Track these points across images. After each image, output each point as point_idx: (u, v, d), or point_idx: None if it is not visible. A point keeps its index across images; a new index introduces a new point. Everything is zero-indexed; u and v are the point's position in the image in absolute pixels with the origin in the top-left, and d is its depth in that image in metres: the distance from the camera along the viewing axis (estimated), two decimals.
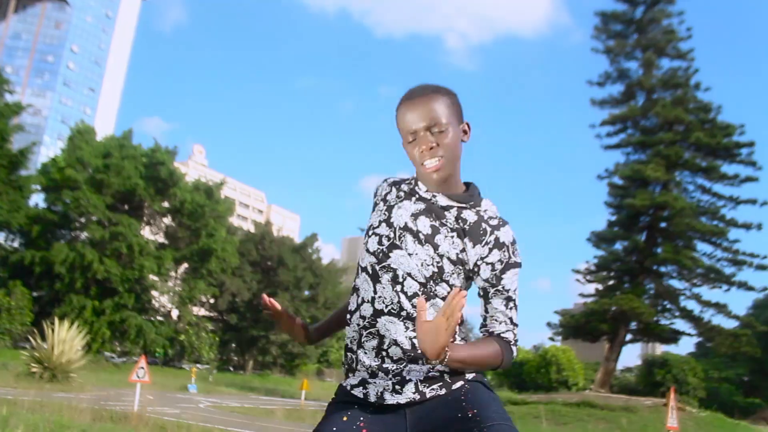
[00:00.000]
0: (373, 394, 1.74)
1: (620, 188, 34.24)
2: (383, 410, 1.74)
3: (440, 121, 1.77)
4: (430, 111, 1.77)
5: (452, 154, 1.78)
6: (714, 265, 31.96)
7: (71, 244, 40.28)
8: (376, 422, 1.73)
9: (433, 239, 1.75)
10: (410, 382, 1.71)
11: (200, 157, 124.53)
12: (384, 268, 1.77)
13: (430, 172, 1.77)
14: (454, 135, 1.79)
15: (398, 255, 1.76)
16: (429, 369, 1.72)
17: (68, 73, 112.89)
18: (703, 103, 33.34)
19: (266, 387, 44.18)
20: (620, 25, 35.57)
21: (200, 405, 22.24)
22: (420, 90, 1.82)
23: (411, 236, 1.76)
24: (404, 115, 1.80)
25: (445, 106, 1.79)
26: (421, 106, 1.78)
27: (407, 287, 1.73)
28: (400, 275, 1.74)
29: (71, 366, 21.15)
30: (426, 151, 1.76)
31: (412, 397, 1.71)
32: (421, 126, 1.77)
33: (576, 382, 54.95)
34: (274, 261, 55.14)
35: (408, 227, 1.77)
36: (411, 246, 1.75)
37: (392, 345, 1.73)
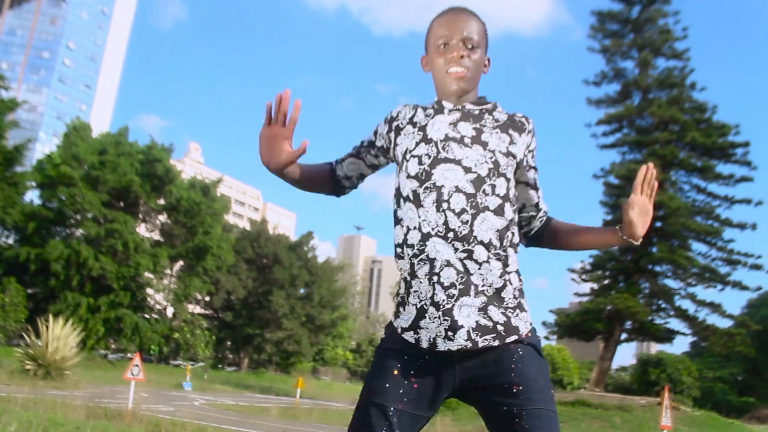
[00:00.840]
0: (426, 339, 1.69)
1: (616, 187, 34.27)
2: (434, 360, 1.70)
3: (474, 38, 1.82)
4: (469, 25, 1.83)
5: (477, 72, 1.84)
6: (709, 264, 32.02)
7: (66, 241, 40.16)
8: (425, 374, 1.70)
9: (480, 139, 1.76)
10: (462, 329, 1.65)
11: (196, 155, 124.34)
12: (427, 189, 1.72)
13: (454, 77, 1.80)
14: (481, 56, 1.86)
15: (443, 170, 1.72)
16: (481, 306, 1.67)
17: (64, 69, 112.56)
18: (699, 103, 33.38)
19: (261, 385, 44.19)
20: (616, 25, 35.58)
21: (195, 403, 22.21)
22: (462, 7, 1.88)
23: (455, 143, 1.75)
24: (441, 23, 1.85)
25: (482, 30, 1.87)
26: (461, 18, 1.84)
27: (453, 204, 1.69)
28: (445, 193, 1.70)
29: (65, 363, 21.09)
30: (456, 57, 1.80)
31: (464, 345, 1.65)
32: (456, 35, 1.81)
33: (571, 381, 55.09)
34: (269, 259, 55.11)
35: (450, 136, 1.76)
36: (458, 152, 1.74)
37: (444, 267, 1.67)
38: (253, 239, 55.98)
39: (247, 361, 57.75)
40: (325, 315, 58.03)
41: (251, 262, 55.18)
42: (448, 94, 1.83)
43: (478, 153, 1.73)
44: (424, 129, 1.81)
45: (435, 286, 1.68)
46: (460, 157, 1.72)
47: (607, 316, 31.88)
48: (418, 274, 1.71)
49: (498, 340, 1.67)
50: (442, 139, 1.76)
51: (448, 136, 1.76)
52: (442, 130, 1.78)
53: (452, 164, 1.72)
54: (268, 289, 53.75)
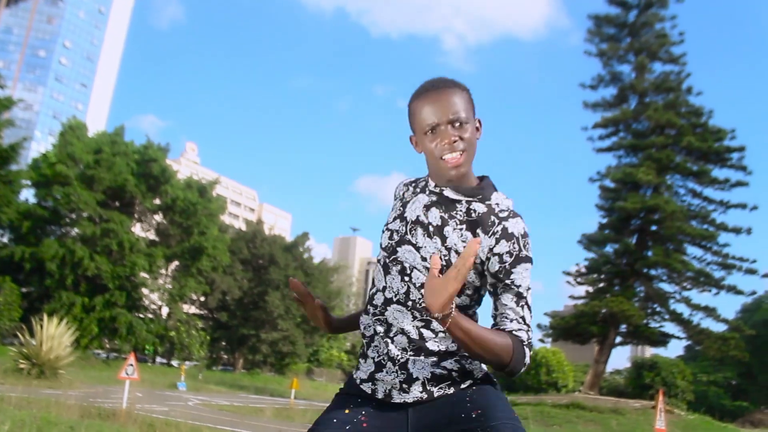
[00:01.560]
0: (381, 391, 1.77)
1: (611, 191, 34.32)
2: (387, 405, 1.76)
3: (461, 116, 1.74)
4: (453, 105, 1.74)
5: (472, 150, 1.76)
6: (704, 268, 32.07)
7: (61, 240, 40.04)
8: (377, 416, 1.75)
9: (441, 231, 1.73)
10: (417, 381, 1.72)
11: (192, 155, 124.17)
12: (393, 261, 1.78)
13: (450, 166, 1.73)
14: (473, 130, 1.77)
15: (405, 250, 1.76)
16: (434, 362, 1.72)
17: (60, 68, 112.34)
18: (695, 107, 33.47)
19: (256, 385, 44.12)
20: (613, 29, 35.66)
21: (189, 403, 22.18)
22: (441, 83, 1.79)
23: (421, 229, 1.76)
24: (423, 107, 1.76)
25: (465, 100, 1.77)
26: (443, 98, 1.74)
27: (415, 278, 1.74)
28: (406, 267, 1.75)
29: (59, 362, 21.06)
30: (448, 144, 1.72)
31: (420, 396, 1.72)
32: (443, 119, 1.73)
33: (565, 383, 55.04)
34: (265, 259, 55.03)
35: (419, 220, 1.77)
36: (420, 239, 1.75)
37: (398, 333, 1.74)
38: (248, 240, 55.91)
39: (242, 361, 57.64)
40: None
41: (247, 263, 55.09)
42: (445, 179, 1.77)
43: (435, 245, 1.72)
44: (405, 206, 1.84)
45: (390, 344, 1.76)
46: (420, 245, 1.75)
47: (602, 319, 31.92)
48: (377, 331, 1.79)
49: (453, 387, 1.73)
50: (413, 220, 1.78)
51: (419, 219, 1.77)
52: (416, 211, 1.79)
53: (413, 248, 1.75)
54: (263, 289, 53.68)
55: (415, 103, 1.80)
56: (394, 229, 1.81)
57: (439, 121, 1.73)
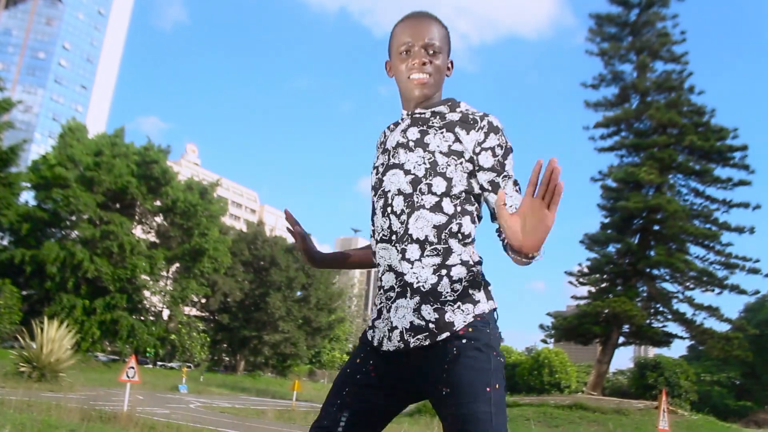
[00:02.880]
0: (376, 338, 1.80)
1: (613, 191, 34.23)
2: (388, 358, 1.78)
3: (436, 44, 1.82)
4: (430, 31, 1.83)
5: (439, 77, 1.83)
6: (706, 268, 31.97)
7: (61, 242, 39.97)
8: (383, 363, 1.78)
9: (422, 141, 1.77)
10: (396, 329, 1.72)
11: (193, 156, 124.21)
12: (378, 197, 1.81)
13: (416, 84, 1.80)
14: (444, 60, 1.85)
15: (390, 175, 1.79)
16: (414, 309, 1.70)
17: (60, 70, 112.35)
18: (697, 107, 33.36)
19: (257, 388, 44.05)
20: (614, 28, 35.57)
21: (191, 405, 22.09)
22: (424, 13, 1.88)
23: (402, 149, 1.79)
24: (403, 29, 1.85)
25: (442, 34, 1.86)
26: (422, 24, 1.84)
27: (395, 206, 1.75)
28: (389, 197, 1.77)
29: (60, 365, 20.96)
30: (418, 64, 1.80)
31: (398, 345, 1.72)
32: (418, 42, 1.81)
33: (568, 384, 55.03)
34: (266, 261, 54.97)
35: (399, 143, 1.81)
36: (403, 156, 1.78)
37: (385, 272, 1.77)
38: (249, 241, 55.85)
39: (244, 363, 57.57)
40: (322, 317, 57.90)
41: (248, 264, 55.03)
42: (410, 99, 1.84)
43: (417, 155, 1.76)
44: (385, 141, 1.89)
45: (380, 290, 1.81)
46: (403, 161, 1.78)
47: (604, 319, 31.82)
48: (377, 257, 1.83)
49: (429, 339, 1.69)
50: (394, 146, 1.83)
51: (399, 142, 1.82)
52: (396, 138, 1.84)
53: (397, 169, 1.78)
54: (264, 291, 53.61)
55: (396, 28, 1.89)
56: (379, 164, 1.85)
57: (414, 43, 1.81)
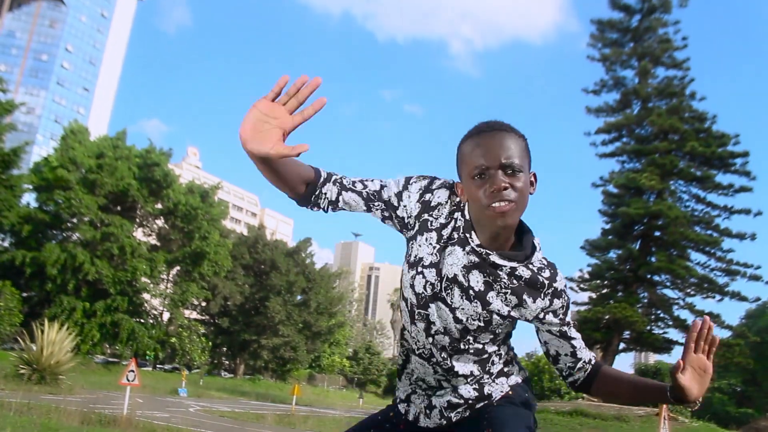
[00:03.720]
0: (412, 413, 1.90)
1: (615, 196, 34.23)
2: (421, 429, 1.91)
3: (515, 162, 1.58)
4: (507, 149, 1.59)
5: (522, 202, 1.61)
6: (707, 274, 31.97)
7: (62, 244, 39.92)
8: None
9: (485, 296, 1.67)
10: (435, 409, 1.85)
11: (194, 159, 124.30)
12: (420, 315, 1.75)
13: (497, 214, 1.57)
14: (526, 181, 1.62)
15: (438, 308, 1.71)
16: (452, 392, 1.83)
17: (62, 72, 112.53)
18: (698, 113, 33.40)
19: (257, 392, 43.95)
20: (616, 34, 35.64)
21: (190, 409, 22.05)
22: (497, 125, 1.64)
23: (459, 290, 1.68)
24: (474, 149, 1.61)
25: (522, 148, 1.63)
26: (496, 141, 1.60)
27: (438, 339, 1.75)
28: (433, 329, 1.74)
29: (60, 368, 20.92)
30: (498, 191, 1.56)
31: (439, 422, 1.85)
32: (495, 163, 1.57)
33: (568, 390, 54.90)
34: (267, 265, 54.92)
35: (458, 280, 1.68)
36: (457, 300, 1.69)
37: (420, 380, 1.85)
38: (250, 245, 55.80)
39: (243, 367, 57.48)
40: (322, 322, 57.82)
41: (248, 268, 54.98)
42: (488, 227, 1.63)
43: (475, 309, 1.69)
44: (442, 254, 1.70)
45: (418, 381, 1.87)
46: (457, 306, 1.70)
47: (605, 325, 31.78)
48: (411, 361, 1.85)
49: (469, 410, 1.82)
50: (450, 278, 1.69)
51: (457, 279, 1.68)
52: (454, 269, 1.68)
53: (447, 308, 1.70)
54: (265, 295, 53.55)
55: (464, 144, 1.66)
56: (429, 280, 1.70)
57: (490, 165, 1.58)
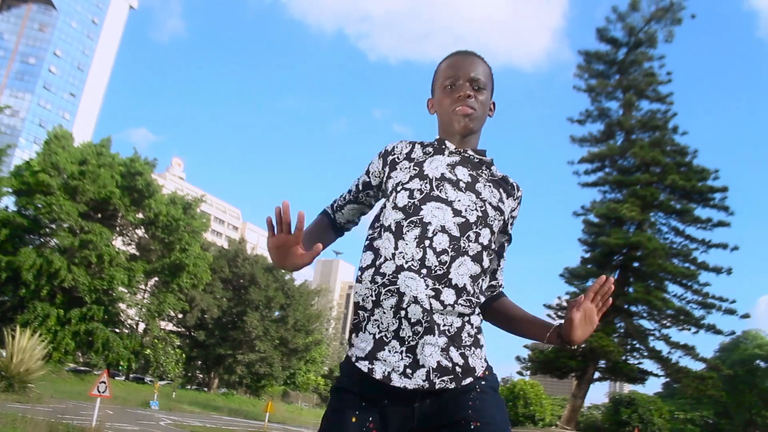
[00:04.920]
0: (380, 372, 1.66)
1: (595, 226, 34.52)
2: (392, 401, 1.67)
3: (481, 79, 1.85)
4: (477, 67, 1.86)
5: (483, 113, 1.86)
6: (684, 307, 32.24)
7: (39, 249, 39.40)
8: (385, 419, 1.67)
9: (474, 186, 1.76)
10: (423, 368, 1.64)
11: (178, 170, 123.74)
12: (412, 224, 1.71)
13: (461, 115, 1.81)
14: (487, 98, 1.88)
15: (432, 207, 1.71)
16: (444, 344, 1.66)
17: (49, 76, 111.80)
18: (680, 147, 33.89)
19: (230, 407, 43.48)
20: (603, 65, 36.17)
21: (161, 423, 21.74)
22: (471, 51, 1.91)
23: (450, 185, 1.75)
24: (449, 64, 1.88)
25: (488, 74, 1.90)
26: (468, 60, 1.88)
27: (436, 243, 1.68)
28: (430, 230, 1.69)
29: (30, 376, 20.56)
30: (463, 97, 1.81)
31: (421, 385, 1.64)
32: (464, 76, 1.84)
33: (543, 417, 54.84)
34: (246, 279, 54.57)
35: (446, 177, 1.76)
36: (452, 194, 1.74)
37: (411, 303, 1.65)
38: (230, 258, 55.46)
39: (218, 381, 56.84)
40: (299, 339, 57.45)
41: (227, 282, 54.59)
42: (453, 132, 1.84)
43: (470, 199, 1.74)
44: (421, 165, 1.80)
45: (402, 320, 1.66)
46: (452, 199, 1.72)
47: (581, 354, 31.87)
48: (383, 305, 1.69)
49: (455, 382, 1.67)
50: (438, 177, 1.76)
51: (445, 176, 1.76)
52: (440, 169, 1.77)
53: (443, 204, 1.72)
54: (242, 309, 53.15)
55: (441, 64, 1.92)
56: (415, 188, 1.75)
57: (460, 76, 1.84)
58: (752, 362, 47.85)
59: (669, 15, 35.11)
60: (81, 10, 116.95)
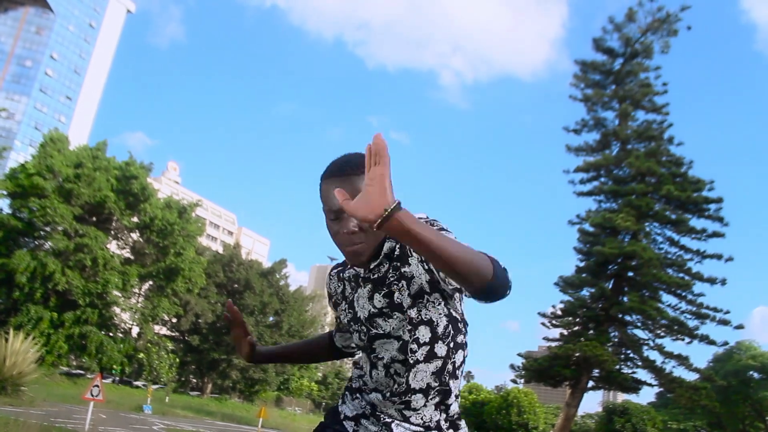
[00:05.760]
0: None
1: (590, 235, 34.58)
2: None
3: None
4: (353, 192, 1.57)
5: (371, 236, 1.67)
6: (678, 317, 32.28)
7: (34, 252, 39.27)
8: None
9: (393, 303, 1.71)
10: None
11: (174, 174, 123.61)
12: (376, 358, 1.78)
13: (351, 258, 1.69)
14: None
15: (380, 344, 1.76)
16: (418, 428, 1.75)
17: (46, 79, 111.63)
18: (675, 157, 34.02)
19: (223, 412, 43.27)
20: (599, 75, 36.32)
21: (154, 427, 21.65)
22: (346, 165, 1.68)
23: (380, 318, 1.74)
24: (323, 191, 1.69)
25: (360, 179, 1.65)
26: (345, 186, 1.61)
27: (392, 370, 1.75)
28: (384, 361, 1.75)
29: (22, 379, 20.48)
30: (347, 234, 1.65)
31: None
32: (339, 209, 1.64)
33: (536, 425, 54.77)
34: (240, 284, 54.48)
35: (372, 313, 1.75)
36: (384, 326, 1.74)
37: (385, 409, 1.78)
38: (225, 263, 55.38)
39: (211, 386, 56.64)
40: None
41: (222, 287, 54.48)
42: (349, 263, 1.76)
43: (397, 320, 1.72)
44: (353, 306, 1.81)
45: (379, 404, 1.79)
46: (387, 329, 1.74)
47: (575, 362, 31.89)
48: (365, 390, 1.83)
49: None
50: (366, 317, 1.77)
51: (371, 312, 1.75)
52: (365, 308, 1.77)
53: (384, 338, 1.75)
54: None
55: (322, 183, 1.72)
56: (360, 330, 1.79)
57: (336, 212, 1.66)
58: (746, 373, 47.91)
59: (665, 26, 35.33)
60: (78, 13, 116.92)
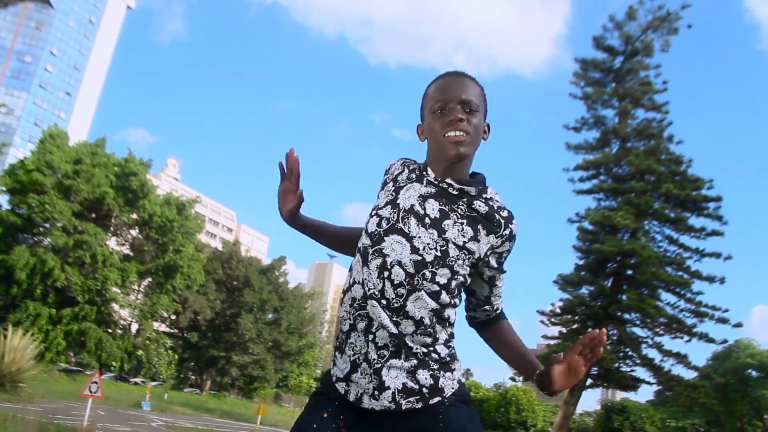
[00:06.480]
0: (353, 393, 1.71)
1: (589, 233, 34.55)
2: (363, 416, 1.72)
3: (474, 102, 1.76)
4: (468, 88, 1.76)
5: (476, 137, 1.76)
6: (677, 315, 32.27)
7: (33, 249, 39.26)
8: (356, 423, 1.72)
9: (440, 224, 1.70)
10: (388, 390, 1.68)
11: (173, 171, 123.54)
12: (375, 252, 1.72)
13: (452, 141, 1.72)
14: (481, 121, 1.78)
15: (392, 240, 1.70)
16: (411, 367, 1.68)
17: (45, 75, 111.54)
18: (675, 155, 33.97)
19: (222, 409, 43.35)
20: (599, 73, 36.24)
21: (153, 424, 21.68)
22: (460, 72, 1.82)
23: (415, 219, 1.71)
24: (439, 86, 1.79)
25: (480, 94, 1.80)
26: (458, 81, 1.78)
27: (394, 275, 1.68)
28: (388, 263, 1.69)
29: (21, 375, 20.49)
30: (454, 120, 1.72)
31: (388, 406, 1.68)
32: (455, 99, 1.74)
33: (535, 423, 54.84)
34: (239, 281, 54.50)
35: (413, 209, 1.72)
36: (414, 229, 1.70)
37: (379, 328, 1.68)
38: (224, 260, 55.38)
39: (210, 383, 56.68)
40: (292, 342, 57.36)
41: (221, 284, 54.50)
42: (442, 159, 1.75)
43: (431, 237, 1.69)
44: (398, 191, 1.79)
45: (369, 343, 1.70)
46: (413, 235, 1.70)
47: None
48: (357, 327, 1.72)
49: (421, 402, 1.69)
50: (407, 209, 1.73)
51: (413, 208, 1.72)
52: (410, 200, 1.74)
53: (403, 238, 1.70)
54: (236, 311, 53.05)
55: (430, 87, 1.83)
56: (384, 216, 1.75)
57: (450, 100, 1.74)
58: (744, 371, 47.96)
59: (666, 24, 35.24)
60: (78, 9, 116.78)
